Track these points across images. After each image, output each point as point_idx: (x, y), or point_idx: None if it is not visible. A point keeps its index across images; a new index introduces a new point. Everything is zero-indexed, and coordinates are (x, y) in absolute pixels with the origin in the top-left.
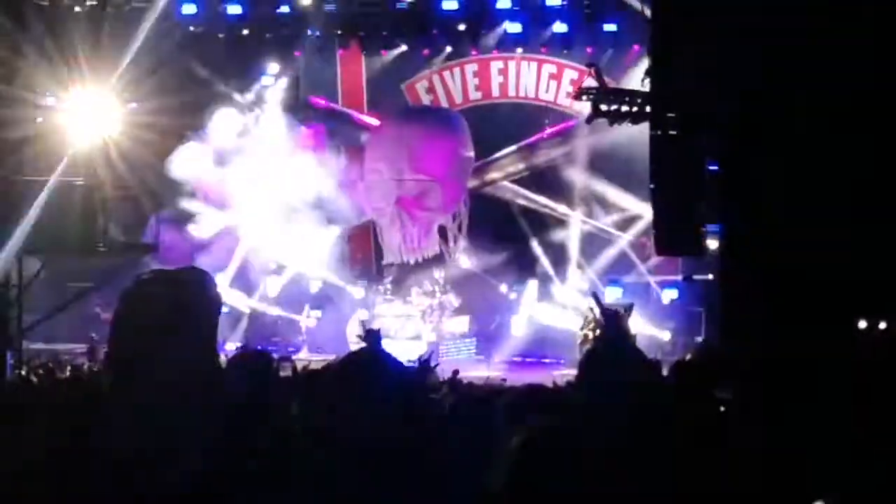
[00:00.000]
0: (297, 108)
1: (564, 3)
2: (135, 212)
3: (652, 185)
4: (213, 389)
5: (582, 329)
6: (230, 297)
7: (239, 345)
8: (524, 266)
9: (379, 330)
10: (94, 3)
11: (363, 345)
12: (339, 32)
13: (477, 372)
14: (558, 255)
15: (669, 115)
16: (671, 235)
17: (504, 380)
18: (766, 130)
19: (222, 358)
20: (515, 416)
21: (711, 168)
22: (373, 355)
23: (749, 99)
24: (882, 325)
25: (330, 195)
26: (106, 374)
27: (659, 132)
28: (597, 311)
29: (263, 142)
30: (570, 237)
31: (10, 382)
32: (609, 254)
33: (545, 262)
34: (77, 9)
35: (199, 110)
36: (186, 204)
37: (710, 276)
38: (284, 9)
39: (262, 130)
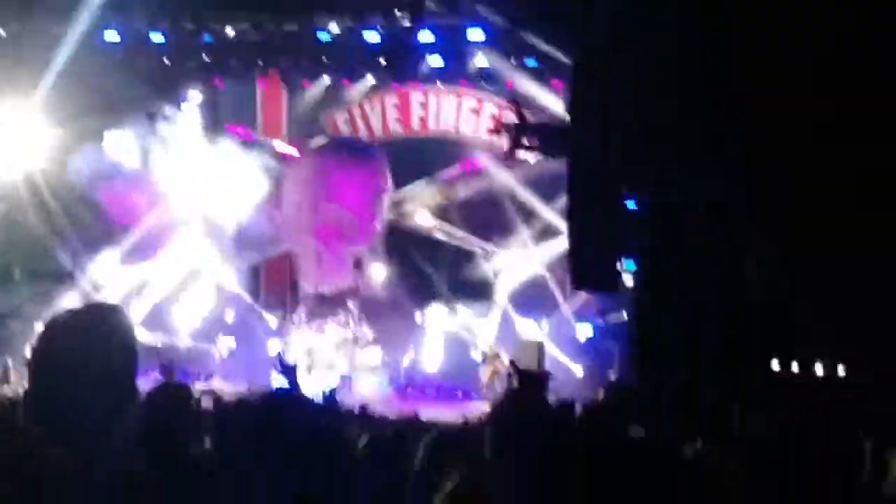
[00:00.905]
0: (216, 136)
1: (486, 37)
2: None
3: (568, 220)
4: (128, 421)
5: (485, 363)
6: (141, 333)
7: (157, 376)
8: (440, 299)
9: (295, 366)
10: (14, 29)
11: (280, 377)
12: (260, 63)
13: (390, 406)
14: (476, 288)
15: (588, 150)
16: (588, 271)
17: (416, 413)
18: (684, 170)
19: (142, 388)
20: (433, 458)
21: (630, 204)
22: (285, 397)
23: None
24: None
25: (247, 220)
26: (23, 406)
27: (576, 166)
28: (504, 357)
29: (177, 157)
30: (489, 270)
31: None
32: (528, 287)
33: (459, 294)
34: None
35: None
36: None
37: (625, 315)
38: (206, 38)
39: (176, 148)
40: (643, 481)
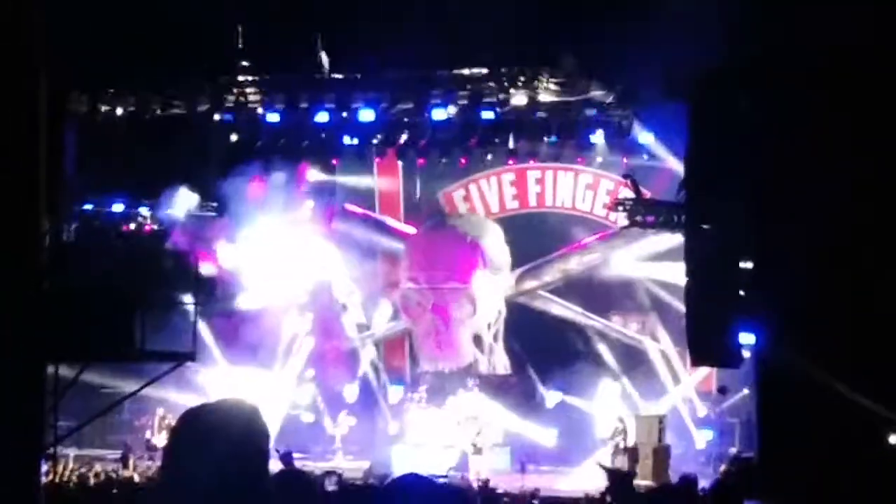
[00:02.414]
0: (334, 215)
1: (600, 114)
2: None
3: (686, 296)
4: None
5: (612, 438)
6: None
7: (279, 456)
8: (560, 375)
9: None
10: (133, 108)
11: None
12: (376, 141)
13: (512, 481)
14: (595, 363)
15: (705, 226)
16: (706, 346)
17: (537, 490)
18: (797, 243)
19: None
20: None
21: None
22: (416, 482)
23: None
24: None
25: (366, 299)
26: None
27: (694, 243)
28: (629, 429)
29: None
30: (606, 347)
31: (46, 490)
32: (646, 364)
33: (579, 369)
34: (119, 112)
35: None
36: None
37: (746, 391)
38: (322, 117)
39: (292, 226)
40: None
